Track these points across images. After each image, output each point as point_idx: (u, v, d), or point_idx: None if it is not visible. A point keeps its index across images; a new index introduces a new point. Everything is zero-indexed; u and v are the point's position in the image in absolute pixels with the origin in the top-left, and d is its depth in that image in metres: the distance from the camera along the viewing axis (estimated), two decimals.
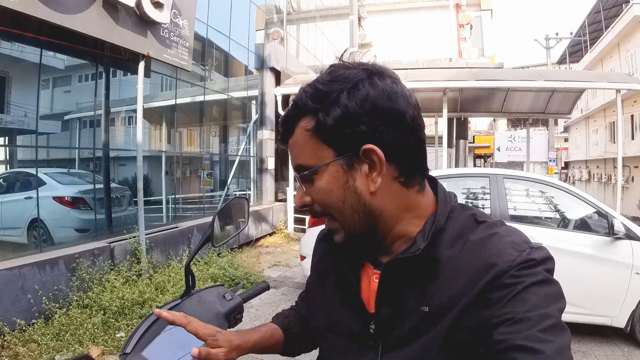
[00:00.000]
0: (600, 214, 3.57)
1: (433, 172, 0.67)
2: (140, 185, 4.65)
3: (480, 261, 0.54)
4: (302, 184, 0.63)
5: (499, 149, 22.41)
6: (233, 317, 0.86)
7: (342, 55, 0.63)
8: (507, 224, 0.61)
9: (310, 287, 0.80)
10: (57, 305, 3.47)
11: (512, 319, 0.49)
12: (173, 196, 6.66)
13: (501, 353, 0.48)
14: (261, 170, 8.85)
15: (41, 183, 4.44)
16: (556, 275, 0.55)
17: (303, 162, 0.61)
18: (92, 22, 3.85)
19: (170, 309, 0.81)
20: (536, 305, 0.50)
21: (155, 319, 0.78)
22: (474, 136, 22.96)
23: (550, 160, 14.59)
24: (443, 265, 0.57)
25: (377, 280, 0.61)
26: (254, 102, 8.86)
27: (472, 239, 0.58)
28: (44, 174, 4.65)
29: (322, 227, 0.78)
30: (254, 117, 8.84)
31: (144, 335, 0.77)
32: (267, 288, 1.06)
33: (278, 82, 8.76)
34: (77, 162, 5.41)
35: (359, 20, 13.08)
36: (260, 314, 4.20)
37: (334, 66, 0.61)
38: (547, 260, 0.55)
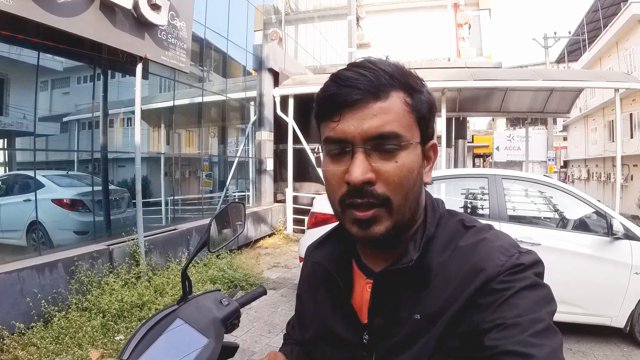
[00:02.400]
0: (599, 214, 3.57)
1: (433, 173, 0.67)
2: (138, 187, 4.65)
3: (470, 267, 0.55)
4: (378, 154, 0.55)
5: (497, 149, 22.50)
6: (230, 322, 0.85)
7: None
8: (503, 224, 0.62)
9: (302, 300, 0.79)
10: (56, 308, 3.46)
11: (502, 324, 0.49)
12: (172, 198, 6.65)
13: (493, 358, 0.48)
14: (260, 171, 8.85)
15: (40, 185, 4.43)
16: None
17: (398, 130, 0.54)
18: (90, 25, 3.85)
19: (167, 314, 0.80)
20: (526, 310, 0.50)
21: (154, 323, 0.78)
22: (472, 136, 22.97)
23: (549, 159, 14.60)
24: (434, 273, 0.57)
25: (370, 290, 0.61)
26: (252, 103, 8.85)
27: (461, 244, 0.58)
28: (43, 176, 4.64)
29: (315, 238, 0.77)
30: (253, 118, 8.83)
31: (142, 340, 0.76)
32: (264, 293, 1.05)
33: (276, 83, 8.73)
34: (75, 164, 5.41)
35: (357, 20, 13.07)
36: (259, 315, 4.19)
37: None
38: (536, 264, 0.55)
